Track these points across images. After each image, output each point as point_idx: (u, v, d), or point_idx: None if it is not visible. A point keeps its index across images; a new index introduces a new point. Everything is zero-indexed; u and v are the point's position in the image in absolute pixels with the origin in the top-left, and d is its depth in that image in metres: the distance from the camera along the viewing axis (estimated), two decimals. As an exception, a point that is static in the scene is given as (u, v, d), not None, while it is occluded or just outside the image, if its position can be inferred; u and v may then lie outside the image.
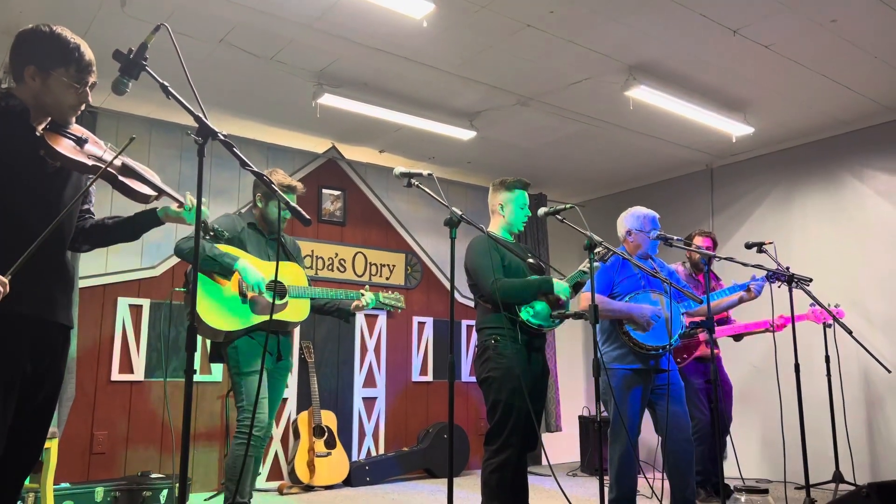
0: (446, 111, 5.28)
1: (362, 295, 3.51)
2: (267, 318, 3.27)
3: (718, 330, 4.68)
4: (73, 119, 2.02)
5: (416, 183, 2.77)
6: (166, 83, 1.93)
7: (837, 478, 4.74)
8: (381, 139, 5.86)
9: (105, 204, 4.49)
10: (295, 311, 3.41)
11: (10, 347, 1.85)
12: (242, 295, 3.26)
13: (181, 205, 2.19)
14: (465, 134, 5.48)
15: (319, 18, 3.92)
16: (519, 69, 4.59)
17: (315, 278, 5.72)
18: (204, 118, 1.89)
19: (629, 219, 3.78)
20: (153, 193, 2.11)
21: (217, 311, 3.19)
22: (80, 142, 1.99)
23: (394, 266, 6.30)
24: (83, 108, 2.03)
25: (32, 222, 1.89)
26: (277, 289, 3.26)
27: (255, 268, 3.20)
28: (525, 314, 3.19)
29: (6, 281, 1.71)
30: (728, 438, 4.59)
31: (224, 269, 3.17)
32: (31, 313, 1.90)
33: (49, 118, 1.97)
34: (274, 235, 3.50)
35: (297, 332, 5.62)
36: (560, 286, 3.23)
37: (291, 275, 3.45)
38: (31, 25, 1.97)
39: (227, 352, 3.29)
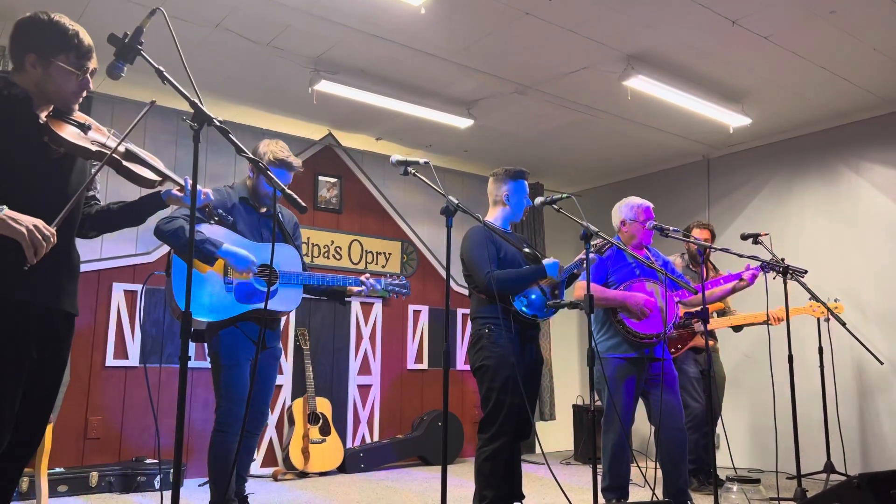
0: (444, 99, 5.26)
1: (362, 283, 3.27)
2: (253, 307, 3.06)
3: (714, 321, 4.70)
4: (76, 106, 2.03)
5: (413, 171, 2.76)
6: (162, 68, 1.92)
7: (829, 468, 4.77)
8: (377, 126, 5.84)
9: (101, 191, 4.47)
10: (285, 299, 3.16)
11: (19, 335, 1.88)
12: (228, 281, 3.03)
13: (182, 188, 2.20)
14: (463, 122, 5.47)
15: (316, 4, 3.90)
16: (517, 58, 4.57)
17: (311, 266, 5.71)
18: (199, 104, 1.88)
19: (624, 209, 3.78)
20: (157, 178, 2.12)
21: (197, 301, 2.97)
22: (84, 128, 2.01)
23: (390, 254, 6.30)
24: (85, 94, 2.04)
25: (39, 209, 1.90)
26: (268, 274, 3.07)
27: (240, 250, 2.96)
28: (518, 304, 3.20)
29: (54, 231, 1.78)
30: (720, 428, 4.62)
31: (205, 257, 2.90)
32: (38, 301, 1.93)
33: (52, 106, 1.98)
34: (268, 211, 3.23)
35: (292, 318, 5.62)
36: (550, 266, 3.23)
37: (284, 258, 3.19)
38: (30, 13, 1.96)
39: (209, 339, 3.10)
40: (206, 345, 3.17)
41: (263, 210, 3.26)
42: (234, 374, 3.04)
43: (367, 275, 3.34)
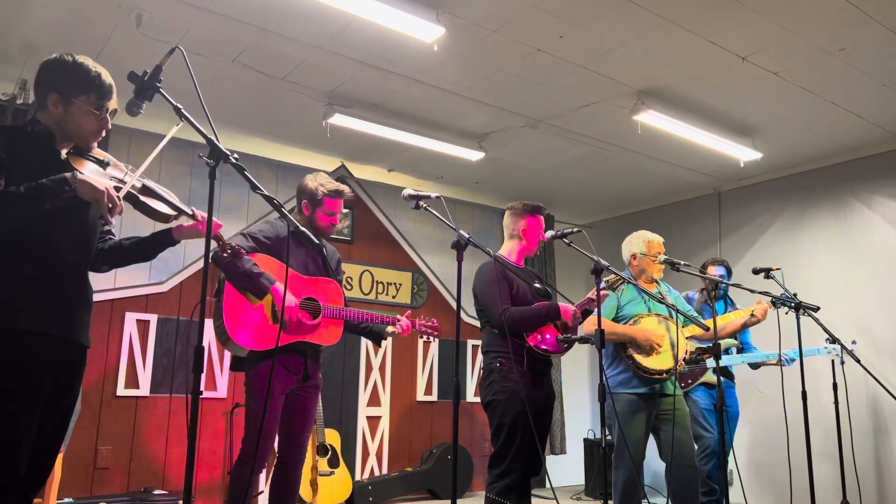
0: (455, 132, 5.31)
1: (398, 320, 3.29)
2: (296, 339, 3.03)
3: (725, 359, 4.64)
4: (95, 144, 2.10)
5: (424, 205, 2.78)
6: (180, 105, 1.96)
7: (844, 507, 4.69)
8: (389, 158, 5.89)
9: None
10: (327, 334, 3.14)
11: (35, 366, 1.90)
12: (274, 315, 3.02)
13: (196, 222, 2.25)
14: (474, 155, 5.51)
15: (331, 40, 3.97)
16: (528, 92, 4.62)
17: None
18: (216, 141, 1.91)
19: (634, 242, 3.78)
20: (173, 213, 2.17)
21: (247, 328, 2.96)
22: (103, 164, 2.07)
23: (400, 284, 6.31)
24: (104, 133, 2.11)
25: (58, 243, 1.95)
26: (311, 307, 3.08)
27: (288, 292, 2.97)
28: (532, 340, 3.19)
29: (119, 195, 1.90)
30: (733, 464, 4.56)
31: (258, 290, 2.94)
32: (55, 333, 1.96)
33: (72, 143, 2.05)
34: (316, 245, 3.08)
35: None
36: (567, 310, 3.22)
37: (327, 293, 3.18)
38: (55, 55, 2.04)
39: (247, 369, 3.08)
40: (245, 375, 3.10)
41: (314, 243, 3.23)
42: (265, 408, 2.95)
43: (409, 313, 3.35)
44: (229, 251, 2.39)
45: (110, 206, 1.88)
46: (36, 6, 3.66)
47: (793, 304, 3.75)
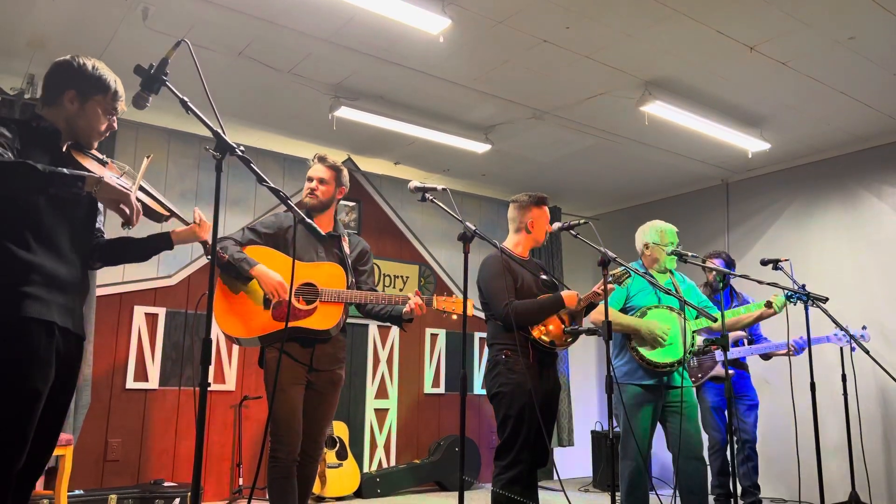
0: (461, 124, 5.30)
1: (408, 300, 3.09)
2: (290, 324, 2.95)
3: (735, 351, 4.61)
4: (96, 143, 2.18)
5: (431, 198, 2.78)
6: (186, 98, 1.96)
7: (854, 498, 4.67)
8: (396, 151, 5.89)
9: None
10: (323, 317, 3.03)
11: (44, 354, 1.92)
12: (266, 301, 3.00)
13: (190, 226, 2.36)
14: (480, 147, 5.50)
15: (337, 33, 3.96)
16: (534, 84, 4.60)
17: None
18: (222, 133, 1.91)
19: (647, 232, 3.76)
20: (166, 213, 2.22)
21: (235, 317, 2.99)
22: (102, 163, 2.13)
23: (407, 277, 6.31)
24: (108, 134, 2.19)
25: (62, 235, 1.98)
26: (309, 292, 3.05)
27: (271, 272, 2.94)
28: (537, 332, 3.18)
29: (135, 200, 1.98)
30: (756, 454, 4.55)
31: (241, 276, 2.96)
32: (60, 323, 1.97)
33: (69, 140, 2.10)
34: (318, 233, 3.12)
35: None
36: (569, 297, 3.21)
37: (327, 276, 3.08)
38: (70, 56, 2.11)
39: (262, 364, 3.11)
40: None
41: (325, 232, 3.23)
42: (278, 399, 2.95)
43: (417, 291, 3.16)
44: (209, 256, 2.42)
45: (128, 211, 1.94)
46: (43, 1, 3.66)
47: (802, 296, 3.73)
